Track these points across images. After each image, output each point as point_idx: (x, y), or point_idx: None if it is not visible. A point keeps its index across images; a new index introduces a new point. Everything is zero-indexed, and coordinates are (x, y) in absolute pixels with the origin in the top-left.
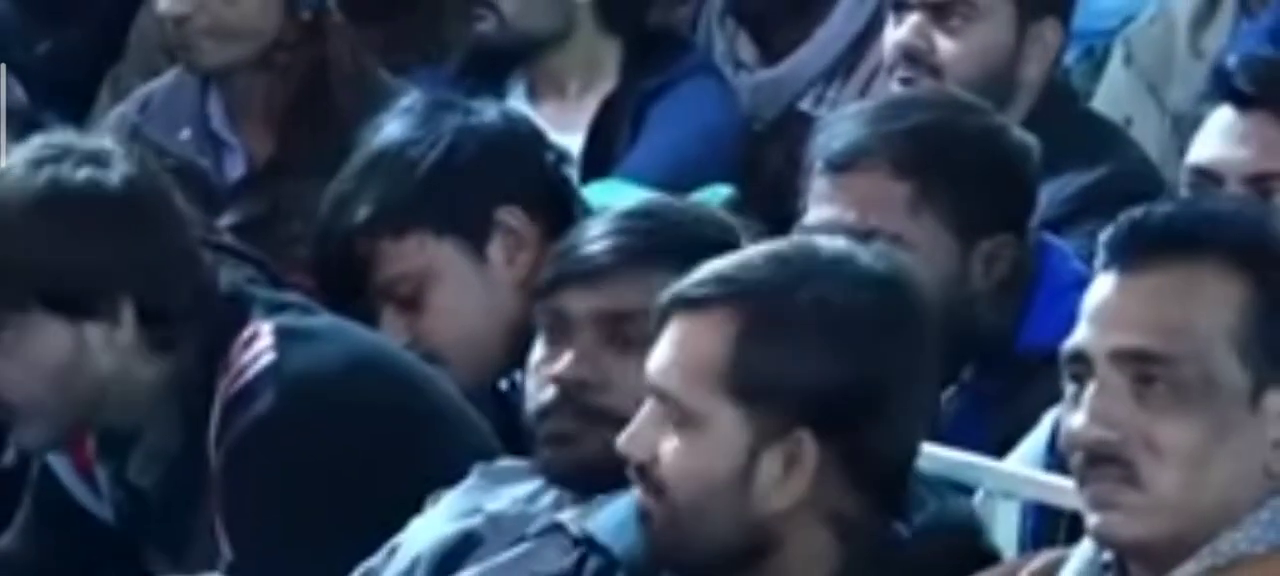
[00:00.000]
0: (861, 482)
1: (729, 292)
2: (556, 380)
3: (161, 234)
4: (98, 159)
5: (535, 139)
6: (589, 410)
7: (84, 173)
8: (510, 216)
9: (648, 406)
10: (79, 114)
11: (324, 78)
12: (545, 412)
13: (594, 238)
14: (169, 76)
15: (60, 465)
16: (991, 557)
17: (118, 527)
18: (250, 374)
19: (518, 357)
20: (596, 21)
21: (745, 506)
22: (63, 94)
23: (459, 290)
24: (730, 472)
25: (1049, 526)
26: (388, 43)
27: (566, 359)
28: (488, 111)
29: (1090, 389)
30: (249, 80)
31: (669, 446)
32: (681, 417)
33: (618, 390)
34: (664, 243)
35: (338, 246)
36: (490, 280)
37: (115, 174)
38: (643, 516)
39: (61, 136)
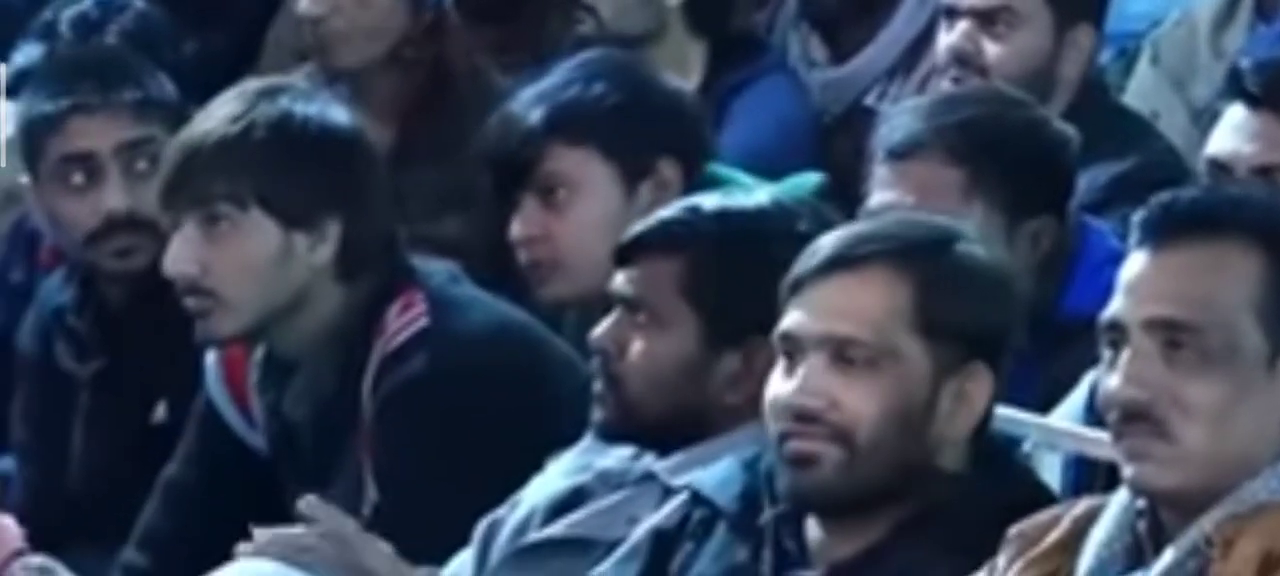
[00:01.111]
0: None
1: (892, 249)
2: (595, 346)
3: (371, 175)
4: (326, 101)
5: (699, 109)
6: (610, 376)
7: (316, 107)
8: (667, 167)
9: (812, 360)
10: None
11: (443, 74)
12: (594, 374)
13: (633, 228)
14: (297, 77)
15: (221, 398)
16: (1045, 497)
17: (268, 458)
18: (405, 335)
19: None
20: (685, 24)
21: (921, 438)
22: (206, 92)
23: (599, 210)
24: (918, 403)
25: (1088, 476)
26: (498, 44)
27: (602, 330)
28: (669, 76)
29: (1125, 354)
30: (374, 76)
31: (848, 390)
32: (868, 358)
33: (627, 359)
34: (672, 238)
35: (520, 135)
36: (628, 214)
37: (342, 115)
38: (805, 462)
39: (289, 79)
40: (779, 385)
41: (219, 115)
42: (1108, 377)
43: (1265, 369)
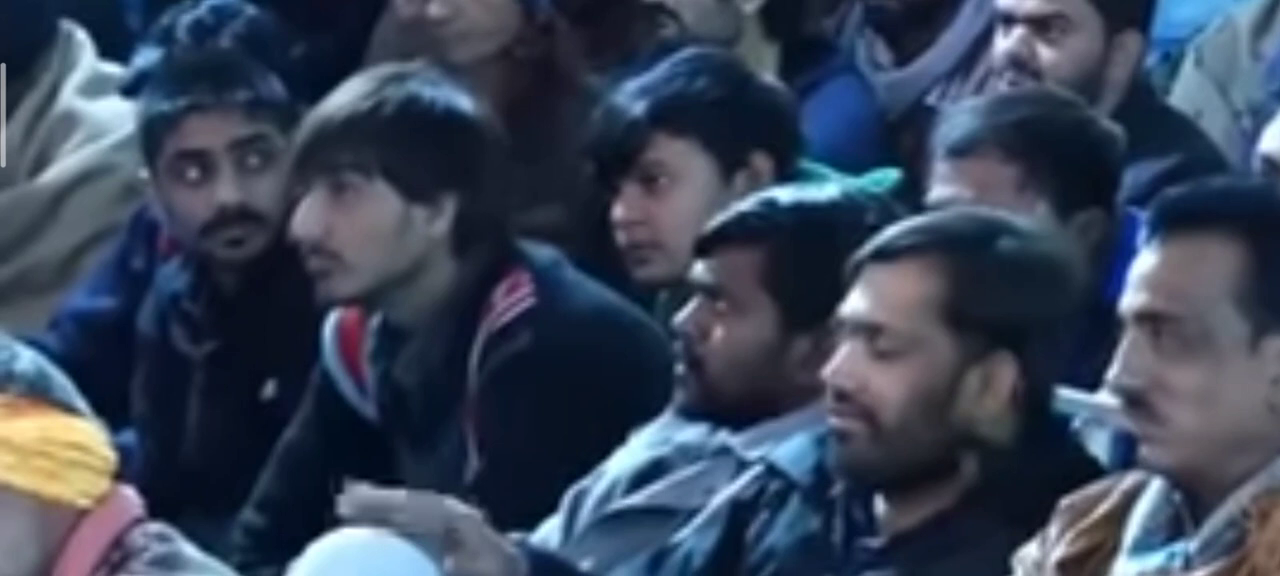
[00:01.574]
0: (1027, 400)
1: (931, 241)
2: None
3: (488, 158)
4: (451, 86)
5: (793, 108)
6: (692, 358)
7: (441, 91)
8: (760, 159)
9: (850, 344)
10: None
11: (548, 73)
12: (677, 356)
13: (713, 220)
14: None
15: (336, 368)
16: (1094, 471)
17: (378, 425)
18: (512, 314)
19: None
20: (760, 29)
21: (946, 420)
22: (314, 92)
23: (696, 198)
24: (941, 388)
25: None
26: (587, 47)
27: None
28: (766, 73)
29: (1123, 343)
30: (484, 72)
31: (879, 373)
32: (897, 345)
33: (707, 343)
34: (748, 230)
35: (625, 125)
36: (723, 202)
37: (465, 99)
38: (842, 437)
39: (416, 66)
40: (827, 366)
41: (350, 93)
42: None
43: (1246, 351)
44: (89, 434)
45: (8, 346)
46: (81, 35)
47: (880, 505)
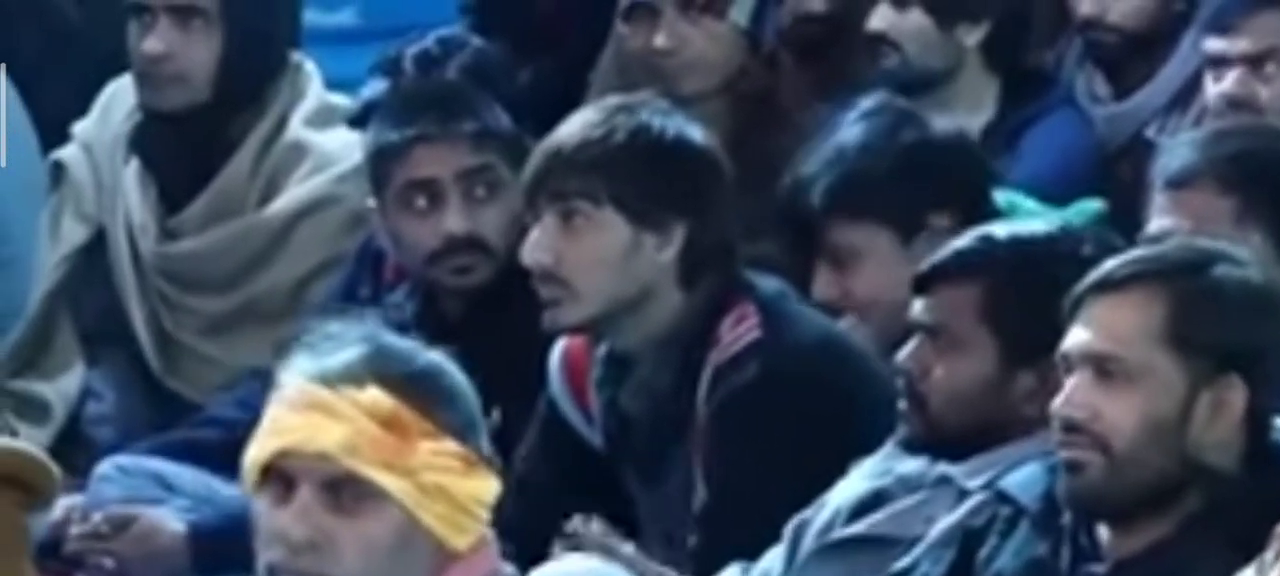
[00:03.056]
0: (1251, 426)
1: (1151, 270)
2: (900, 369)
3: (717, 187)
4: (680, 116)
5: (975, 153)
6: (915, 396)
7: (670, 120)
8: (940, 218)
9: (1078, 375)
10: None
11: (770, 106)
12: (899, 394)
13: (929, 259)
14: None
15: (563, 397)
16: None
17: (605, 453)
18: (738, 346)
19: None
20: (982, 62)
21: (1178, 446)
22: (538, 121)
23: (883, 270)
24: (1172, 414)
25: None
26: (809, 79)
27: (905, 353)
28: (940, 123)
29: None
30: (708, 103)
31: (1110, 402)
32: (1126, 373)
33: (929, 380)
34: (966, 266)
35: (806, 212)
36: (910, 268)
37: (694, 129)
38: (1074, 468)
39: (641, 96)
40: (1057, 399)
41: (581, 122)
42: None
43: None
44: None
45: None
46: (309, 66)
47: (1104, 532)
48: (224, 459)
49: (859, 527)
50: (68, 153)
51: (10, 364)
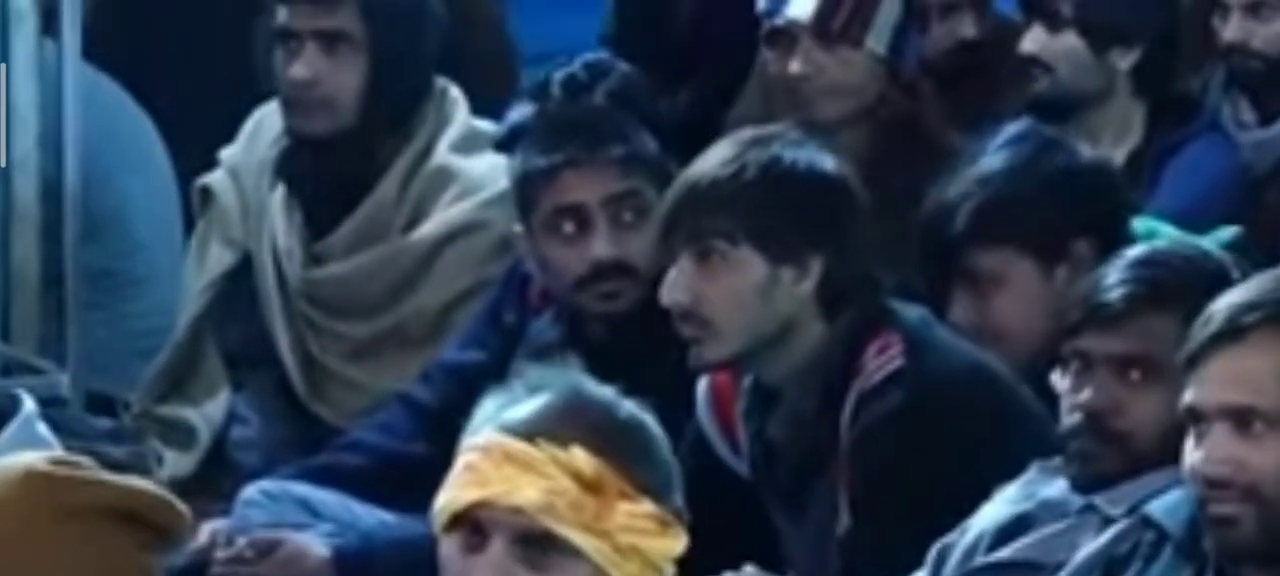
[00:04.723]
0: None
1: (1273, 314)
2: (1082, 409)
3: (853, 218)
4: (814, 147)
5: (1116, 179)
6: (1107, 433)
7: (804, 152)
8: (1082, 246)
9: (1217, 430)
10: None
11: (911, 133)
12: (1073, 434)
13: (1110, 286)
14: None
15: (711, 428)
16: None
17: (751, 482)
18: (881, 375)
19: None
20: (1131, 87)
21: None
22: (683, 145)
23: (1021, 298)
24: None
25: None
26: (958, 105)
27: (1088, 392)
28: (1083, 150)
29: None
30: (846, 130)
31: (1255, 453)
32: (1267, 420)
33: (1131, 416)
34: (1168, 292)
35: (946, 238)
36: (1050, 295)
37: (828, 160)
38: (1225, 523)
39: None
40: (1191, 453)
41: (714, 159)
42: None
43: None
44: None
45: (665, 450)
46: (455, 91)
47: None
48: (366, 484)
49: (1004, 553)
50: (215, 178)
51: (156, 388)
